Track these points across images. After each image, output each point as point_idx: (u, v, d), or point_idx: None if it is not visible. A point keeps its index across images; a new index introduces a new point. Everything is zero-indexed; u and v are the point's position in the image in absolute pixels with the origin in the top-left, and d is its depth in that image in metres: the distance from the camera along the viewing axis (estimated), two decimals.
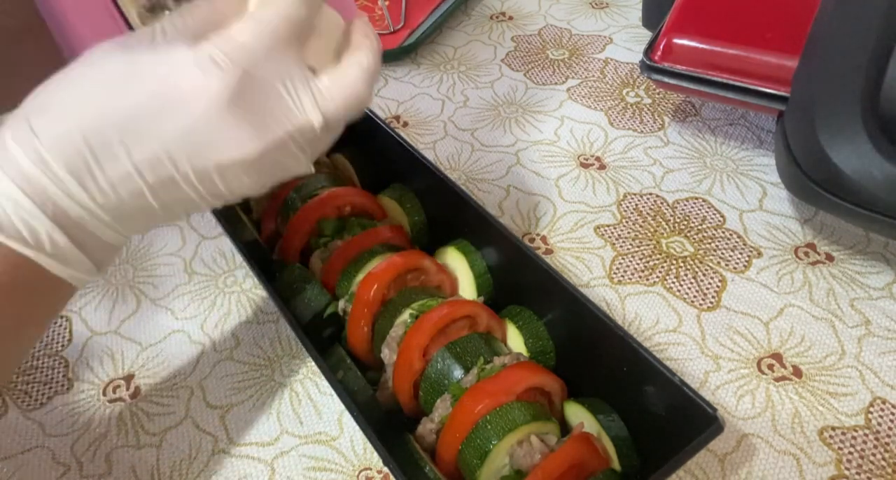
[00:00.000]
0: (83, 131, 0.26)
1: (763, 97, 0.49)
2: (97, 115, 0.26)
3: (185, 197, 0.29)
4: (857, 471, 0.38)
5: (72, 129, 0.26)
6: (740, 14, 0.52)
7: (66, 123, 0.26)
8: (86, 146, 0.26)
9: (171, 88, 0.26)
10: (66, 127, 0.26)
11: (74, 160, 0.26)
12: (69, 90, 0.27)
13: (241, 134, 0.27)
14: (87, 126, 0.26)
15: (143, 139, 0.27)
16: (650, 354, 0.35)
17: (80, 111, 0.26)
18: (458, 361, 0.37)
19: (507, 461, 0.35)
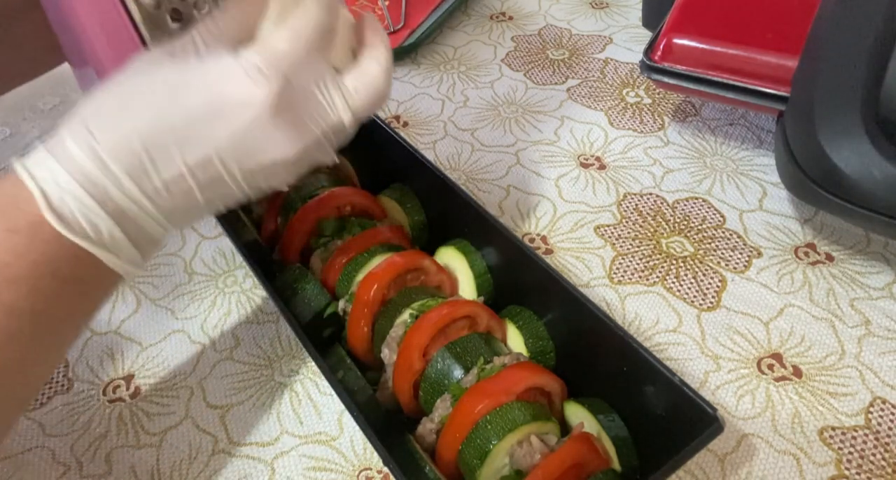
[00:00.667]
0: (140, 134, 0.28)
1: (763, 97, 0.49)
2: (153, 120, 0.28)
3: (229, 192, 0.31)
4: (857, 471, 0.38)
5: (129, 133, 0.28)
6: (740, 14, 0.52)
7: (124, 127, 0.28)
8: (143, 148, 0.28)
9: (221, 96, 0.28)
10: (124, 130, 0.28)
11: (132, 161, 0.28)
12: (124, 96, 0.29)
13: (285, 136, 0.30)
14: (143, 130, 0.28)
15: (195, 143, 0.28)
16: (650, 354, 0.35)
17: (137, 115, 0.28)
18: (458, 361, 0.37)
19: (507, 461, 0.34)
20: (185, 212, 0.31)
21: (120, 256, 0.30)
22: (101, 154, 0.28)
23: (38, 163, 0.29)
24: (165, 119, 0.28)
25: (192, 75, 0.29)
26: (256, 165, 0.30)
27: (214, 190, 0.30)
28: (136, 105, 0.28)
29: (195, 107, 0.28)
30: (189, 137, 0.28)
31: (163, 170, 0.29)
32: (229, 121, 0.29)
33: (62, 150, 0.28)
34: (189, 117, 0.28)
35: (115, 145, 0.28)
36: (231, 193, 0.31)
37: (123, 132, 0.28)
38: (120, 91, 0.29)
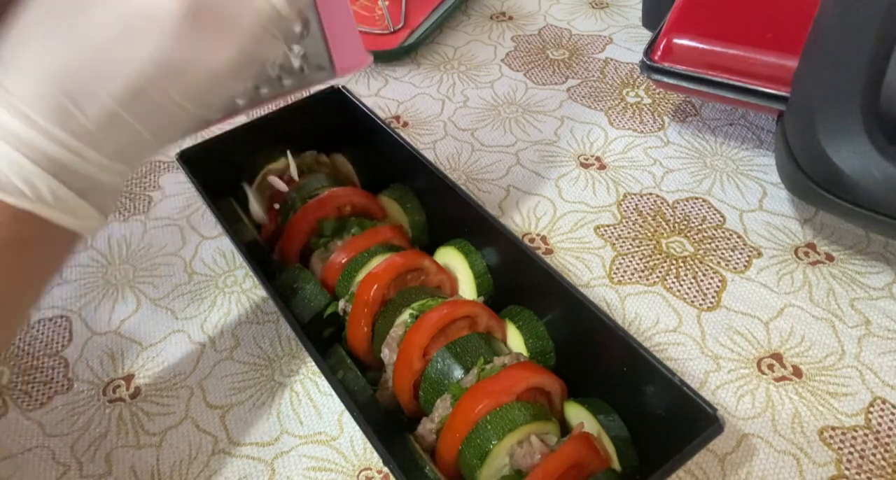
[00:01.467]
0: (53, 77, 0.26)
1: (763, 97, 0.49)
2: (61, 58, 0.26)
3: (175, 116, 0.28)
4: (857, 471, 0.38)
5: (42, 78, 0.26)
6: (740, 14, 0.52)
7: (35, 73, 0.26)
8: (60, 91, 0.26)
9: (128, 13, 0.26)
10: (36, 77, 0.26)
11: (54, 108, 0.26)
12: (28, 37, 0.27)
13: (212, 41, 0.27)
14: (54, 71, 0.26)
15: (115, 71, 0.26)
16: (650, 354, 0.35)
17: (43, 58, 0.26)
18: (458, 361, 0.37)
19: (507, 461, 0.35)
20: (134, 147, 0.29)
21: (70, 212, 0.28)
22: (20, 107, 0.26)
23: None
24: (74, 54, 0.26)
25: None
26: (192, 81, 0.27)
27: (156, 117, 0.28)
28: (41, 46, 0.26)
29: (102, 32, 0.26)
30: (104, 67, 0.26)
31: (89, 109, 0.26)
32: (144, 40, 0.26)
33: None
34: (98, 44, 0.26)
35: (32, 94, 0.26)
36: (179, 116, 0.28)
37: (36, 78, 0.26)
38: (21, 35, 0.27)
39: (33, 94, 0.26)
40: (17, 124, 0.26)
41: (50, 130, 0.26)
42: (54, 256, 0.30)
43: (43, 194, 0.27)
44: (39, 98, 0.26)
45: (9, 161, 0.26)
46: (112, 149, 0.28)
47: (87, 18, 0.26)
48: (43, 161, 0.26)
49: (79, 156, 0.27)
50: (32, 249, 0.28)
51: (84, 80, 0.26)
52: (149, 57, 0.26)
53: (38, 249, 0.29)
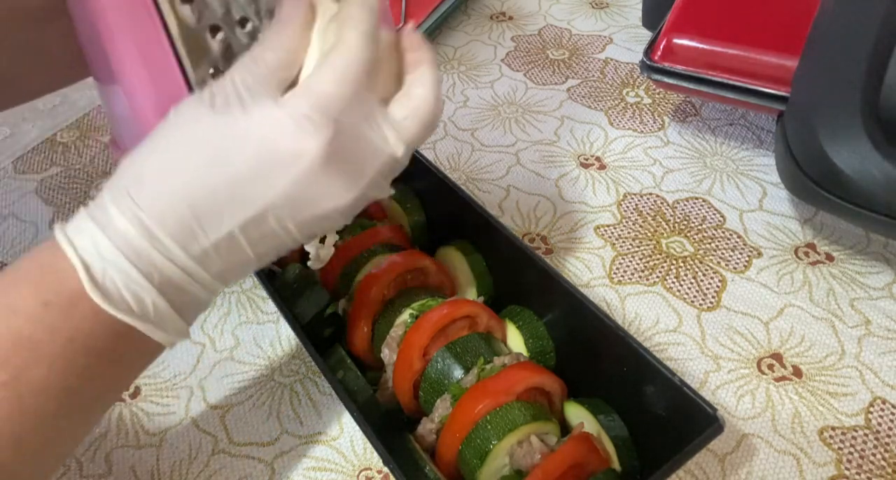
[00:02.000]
0: (186, 199, 0.27)
1: (763, 97, 0.49)
2: (199, 182, 0.27)
3: (282, 244, 0.29)
4: (857, 471, 0.38)
5: (175, 198, 0.27)
6: (740, 14, 0.52)
7: (169, 192, 0.27)
8: (190, 213, 0.27)
9: (271, 151, 0.27)
10: (169, 196, 0.27)
11: (179, 227, 0.27)
12: (165, 156, 0.27)
13: (340, 183, 0.28)
14: (189, 193, 0.27)
15: (246, 202, 0.27)
16: (650, 354, 0.35)
17: (182, 179, 0.27)
18: (458, 361, 0.37)
19: (507, 461, 0.35)
20: (236, 269, 0.29)
21: (164, 328, 0.28)
22: (146, 222, 0.26)
23: (79, 230, 0.27)
24: (213, 180, 0.27)
25: (237, 130, 0.27)
26: (311, 216, 0.28)
27: (266, 244, 0.29)
28: (180, 168, 0.27)
29: (244, 166, 0.27)
30: (239, 196, 0.27)
31: (212, 233, 0.27)
32: (281, 177, 0.27)
33: (105, 218, 0.27)
34: (238, 176, 0.27)
35: (160, 212, 0.26)
36: (283, 244, 0.29)
37: (169, 197, 0.27)
38: (161, 153, 0.28)
39: (161, 211, 0.26)
40: (138, 238, 0.26)
41: (169, 248, 0.27)
42: (140, 366, 0.31)
43: (147, 310, 0.27)
44: (166, 216, 0.26)
45: (123, 274, 0.26)
46: (219, 271, 0.28)
47: (231, 151, 0.27)
48: (155, 277, 0.27)
49: (189, 276, 0.28)
50: (123, 360, 0.29)
51: (214, 207, 0.27)
52: (281, 192, 0.27)
53: (128, 359, 0.29)
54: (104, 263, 0.26)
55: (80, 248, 0.27)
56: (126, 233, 0.26)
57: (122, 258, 0.26)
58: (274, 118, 0.27)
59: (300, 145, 0.27)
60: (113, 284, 0.26)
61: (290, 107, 0.27)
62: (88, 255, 0.26)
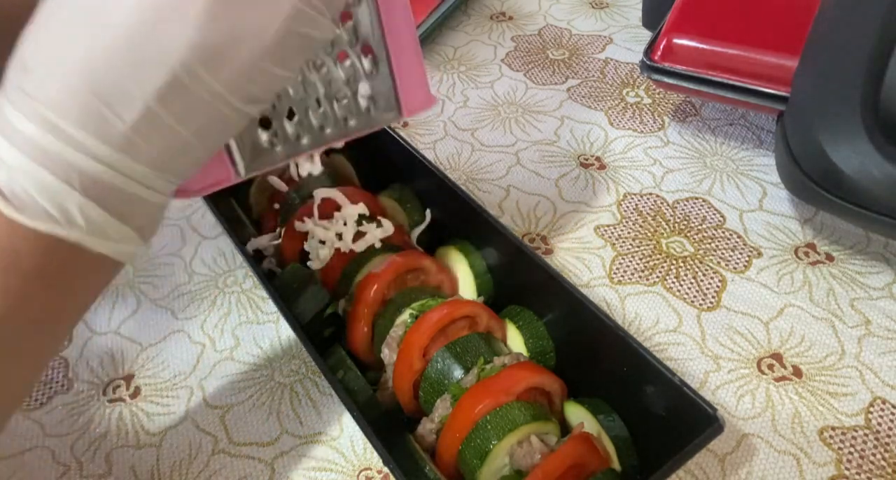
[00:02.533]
0: (82, 77, 0.23)
1: (763, 97, 0.49)
2: (89, 54, 0.22)
3: (219, 113, 0.25)
4: (857, 471, 0.38)
5: (69, 78, 0.23)
6: (740, 14, 0.52)
7: (60, 73, 0.23)
8: (91, 93, 0.23)
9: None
10: (62, 77, 0.23)
11: (85, 114, 0.23)
12: (48, 37, 0.23)
13: (252, 18, 0.23)
14: (83, 69, 0.23)
15: (150, 64, 0.23)
16: (650, 354, 0.35)
17: (69, 54, 0.23)
18: (458, 361, 0.37)
19: (507, 461, 0.35)
20: (176, 154, 0.25)
21: (106, 236, 0.24)
22: (45, 113, 0.23)
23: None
24: (104, 47, 0.22)
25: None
26: (234, 66, 0.24)
27: (198, 115, 0.24)
28: (64, 40, 0.23)
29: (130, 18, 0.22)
30: (137, 59, 0.22)
31: (125, 113, 0.23)
32: (178, 23, 0.22)
33: (2, 119, 0.23)
34: (128, 34, 0.22)
35: (57, 98, 0.23)
36: (223, 116, 0.25)
37: (62, 79, 0.23)
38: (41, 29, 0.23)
39: (60, 98, 0.23)
40: (43, 135, 0.23)
41: (81, 140, 0.23)
42: (88, 286, 0.27)
43: (73, 217, 0.24)
44: (68, 102, 0.23)
45: (33, 179, 0.23)
46: (151, 158, 0.24)
47: (111, 5, 0.22)
48: (73, 177, 0.23)
49: (114, 170, 0.24)
50: (62, 280, 0.25)
51: (116, 78, 0.23)
52: (184, 42, 0.23)
53: (68, 279, 0.25)
54: (9, 171, 0.23)
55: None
56: (25, 131, 0.23)
57: (28, 161, 0.23)
58: None
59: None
60: (26, 193, 0.23)
61: None
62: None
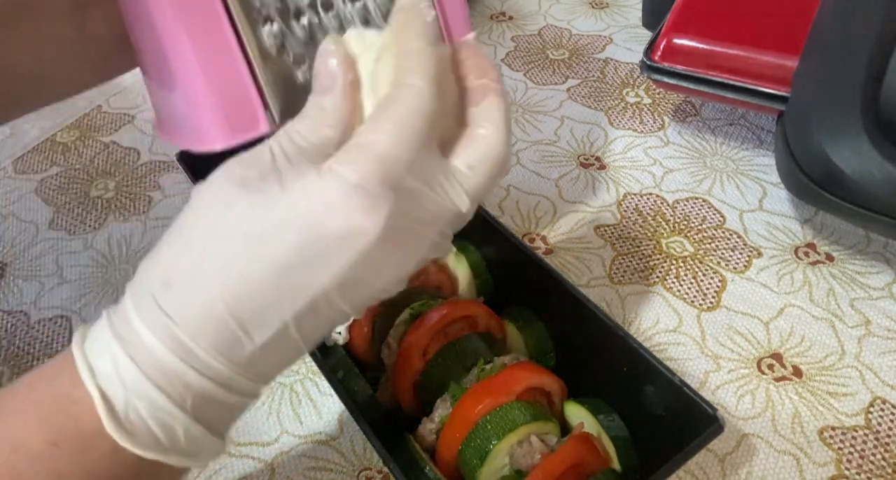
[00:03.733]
0: (226, 302, 0.22)
1: (763, 97, 0.49)
2: (238, 280, 0.22)
3: (334, 326, 0.26)
4: (857, 471, 0.38)
5: (212, 302, 0.22)
6: (740, 14, 0.52)
7: (204, 296, 0.22)
8: (231, 317, 0.22)
9: (318, 235, 0.22)
10: (205, 300, 0.22)
11: (219, 337, 0.22)
12: (194, 252, 0.23)
13: (398, 256, 0.24)
14: (228, 294, 0.22)
15: (295, 294, 0.23)
16: (650, 354, 0.35)
17: (217, 278, 0.22)
18: (458, 361, 0.37)
19: (507, 461, 0.34)
20: (284, 364, 0.25)
21: (198, 455, 0.24)
22: (179, 335, 0.22)
23: (99, 349, 0.23)
24: (254, 276, 0.22)
25: (276, 211, 0.22)
26: (368, 294, 0.24)
27: (318, 331, 0.25)
28: (214, 264, 0.22)
29: (288, 254, 0.22)
30: (286, 288, 0.22)
31: (258, 336, 0.23)
32: (333, 262, 0.22)
33: (129, 332, 0.22)
34: (283, 267, 0.22)
35: (196, 321, 0.22)
36: (335, 325, 0.25)
37: (204, 302, 0.22)
38: (188, 247, 0.23)
39: (197, 320, 0.22)
40: (172, 359, 0.22)
41: (209, 363, 0.22)
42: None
43: (177, 440, 0.23)
44: (204, 325, 0.22)
45: (149, 403, 0.22)
46: (263, 373, 0.24)
47: (273, 240, 0.22)
48: (188, 401, 0.22)
49: (228, 389, 0.23)
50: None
51: (259, 305, 0.22)
52: (334, 279, 0.23)
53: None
54: (127, 393, 0.22)
55: (100, 375, 0.22)
56: (155, 352, 0.22)
57: (150, 385, 0.22)
58: (318, 192, 0.22)
59: (353, 224, 0.22)
60: (137, 416, 0.22)
61: (338, 176, 0.22)
62: (109, 384, 0.22)
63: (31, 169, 0.62)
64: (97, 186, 0.60)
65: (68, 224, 0.56)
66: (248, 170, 0.23)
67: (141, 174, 0.61)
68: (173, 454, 0.23)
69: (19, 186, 0.61)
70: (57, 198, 0.59)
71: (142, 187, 0.60)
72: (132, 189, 0.59)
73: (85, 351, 0.23)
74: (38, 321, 0.50)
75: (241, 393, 0.24)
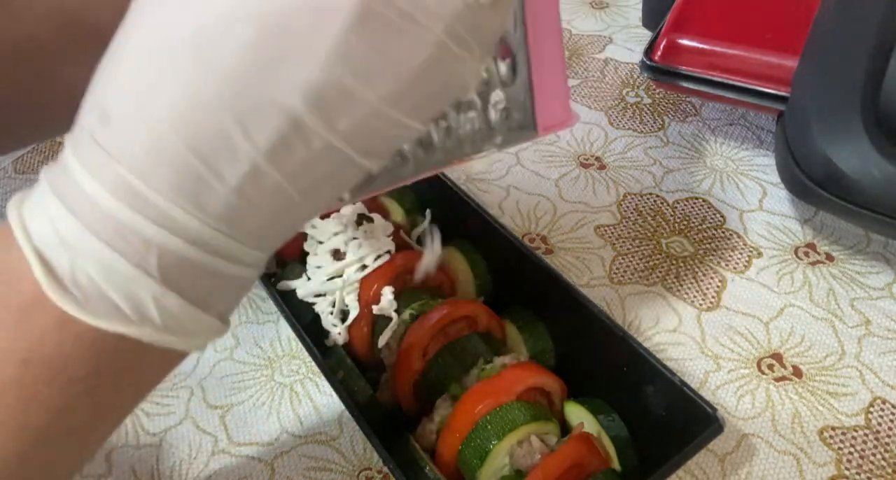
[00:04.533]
0: (177, 129, 0.17)
1: (763, 97, 0.49)
2: (189, 98, 0.17)
3: (333, 168, 0.19)
4: (857, 471, 0.38)
5: (161, 131, 0.17)
6: (740, 14, 0.52)
7: (150, 122, 0.17)
8: (188, 150, 0.17)
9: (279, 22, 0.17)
10: (151, 129, 0.17)
11: (179, 177, 0.18)
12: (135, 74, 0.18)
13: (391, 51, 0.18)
14: (179, 119, 0.17)
15: (262, 112, 0.17)
16: (650, 354, 0.35)
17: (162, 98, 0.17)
18: (458, 361, 0.37)
19: (507, 461, 0.34)
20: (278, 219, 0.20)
21: (181, 330, 0.19)
22: (127, 179, 0.18)
23: (36, 207, 0.19)
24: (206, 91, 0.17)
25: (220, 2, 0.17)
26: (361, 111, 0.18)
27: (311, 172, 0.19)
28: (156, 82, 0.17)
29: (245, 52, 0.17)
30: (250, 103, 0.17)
31: (228, 173, 0.18)
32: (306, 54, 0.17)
33: (67, 181, 0.18)
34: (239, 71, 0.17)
35: (146, 158, 0.17)
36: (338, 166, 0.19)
37: (154, 133, 0.17)
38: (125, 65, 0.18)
39: (148, 158, 0.17)
40: (120, 207, 0.18)
41: (169, 212, 0.18)
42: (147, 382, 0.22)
43: (147, 310, 0.18)
44: (158, 163, 0.17)
45: (101, 265, 0.18)
46: (251, 228, 0.19)
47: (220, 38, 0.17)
48: (151, 261, 0.18)
49: (206, 249, 0.18)
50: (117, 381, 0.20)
51: (219, 130, 0.17)
52: (309, 79, 0.17)
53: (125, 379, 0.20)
54: (70, 253, 0.18)
55: (36, 234, 0.18)
56: (98, 200, 0.18)
57: (97, 242, 0.18)
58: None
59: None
60: (89, 280, 0.18)
61: None
62: (46, 244, 0.18)
63: (31, 169, 0.62)
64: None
65: None
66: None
67: None
68: (145, 327, 0.19)
69: (19, 186, 0.61)
70: None
71: None
72: None
73: (21, 213, 0.19)
74: None
75: (228, 257, 0.19)
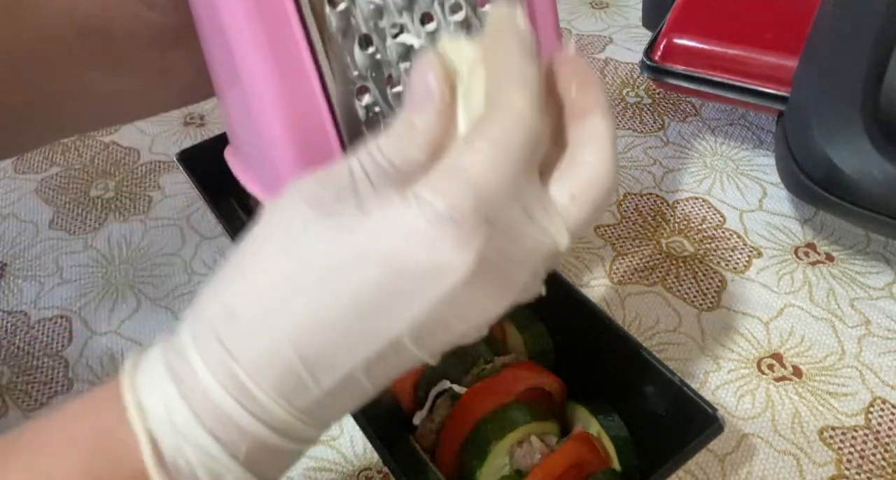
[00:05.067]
0: (294, 342, 0.20)
1: (763, 97, 0.49)
2: (311, 318, 0.20)
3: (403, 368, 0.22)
4: (857, 471, 0.38)
5: (279, 341, 0.20)
6: (740, 14, 0.52)
7: (271, 334, 0.20)
8: (299, 360, 0.20)
9: (402, 269, 0.19)
10: (272, 339, 0.20)
11: (283, 380, 0.20)
12: (262, 283, 0.21)
13: (487, 298, 0.21)
14: (298, 334, 0.20)
15: (369, 337, 0.20)
16: (650, 354, 0.35)
17: (287, 314, 0.20)
18: (458, 361, 0.37)
19: (507, 461, 0.35)
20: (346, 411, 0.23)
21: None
22: (241, 377, 0.20)
23: (152, 387, 0.21)
24: (326, 314, 0.20)
25: (354, 242, 0.20)
26: (448, 339, 0.21)
27: (388, 375, 0.22)
28: (284, 298, 0.20)
29: (366, 292, 0.20)
30: (360, 331, 0.20)
31: (325, 380, 0.20)
32: (415, 302, 0.20)
33: (186, 370, 0.20)
34: (359, 307, 0.20)
35: (260, 361, 0.20)
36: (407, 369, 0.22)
37: (271, 341, 0.20)
38: (256, 277, 0.21)
39: (262, 361, 0.20)
40: (228, 401, 0.20)
41: (268, 409, 0.20)
42: None
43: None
44: (270, 368, 0.20)
45: (201, 451, 0.20)
46: (323, 418, 0.22)
47: (350, 274, 0.20)
48: (242, 449, 0.20)
49: (286, 436, 0.21)
50: None
51: (329, 349, 0.20)
52: (413, 319, 0.20)
53: None
54: (178, 439, 0.20)
55: (151, 416, 0.20)
56: (211, 394, 0.20)
57: (203, 432, 0.20)
58: (402, 221, 0.19)
59: (440, 259, 0.19)
60: (186, 464, 0.20)
61: (425, 203, 0.19)
62: (159, 428, 0.20)
63: (30, 169, 0.62)
64: (97, 186, 0.60)
65: (68, 224, 0.56)
66: (324, 190, 0.20)
67: (141, 174, 0.61)
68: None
69: (19, 186, 0.61)
70: (57, 198, 0.59)
71: (142, 187, 0.60)
72: (132, 189, 0.59)
73: (136, 386, 0.21)
74: (38, 321, 0.50)
75: (300, 440, 0.22)
